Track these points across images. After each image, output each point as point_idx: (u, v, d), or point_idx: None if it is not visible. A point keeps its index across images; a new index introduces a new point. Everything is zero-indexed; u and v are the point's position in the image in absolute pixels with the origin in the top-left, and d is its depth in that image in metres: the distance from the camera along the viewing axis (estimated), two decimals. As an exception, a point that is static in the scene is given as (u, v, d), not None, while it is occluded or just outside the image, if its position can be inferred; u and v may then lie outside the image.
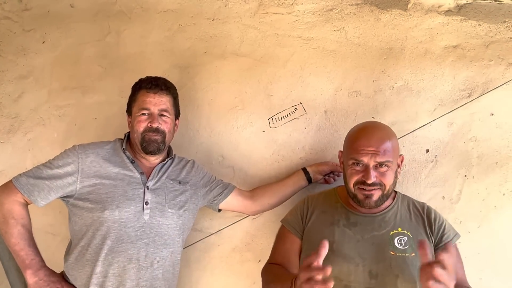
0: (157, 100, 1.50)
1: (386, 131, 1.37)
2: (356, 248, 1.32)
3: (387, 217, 1.38)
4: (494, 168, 1.68)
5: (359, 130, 1.39)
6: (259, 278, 1.48)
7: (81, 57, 1.98)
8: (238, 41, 1.87)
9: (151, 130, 1.48)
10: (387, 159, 1.30)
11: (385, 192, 1.33)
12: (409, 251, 1.29)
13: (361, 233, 1.35)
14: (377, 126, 1.40)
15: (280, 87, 1.83)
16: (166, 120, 1.53)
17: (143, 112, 1.49)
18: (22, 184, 1.39)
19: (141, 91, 1.52)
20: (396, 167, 1.36)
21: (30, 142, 2.00)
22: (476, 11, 1.70)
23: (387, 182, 1.32)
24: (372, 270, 1.28)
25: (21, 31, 2.04)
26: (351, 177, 1.34)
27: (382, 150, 1.29)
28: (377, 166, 1.31)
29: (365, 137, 1.33)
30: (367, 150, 1.30)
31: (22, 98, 2.01)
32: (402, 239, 1.32)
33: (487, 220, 1.67)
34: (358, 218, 1.39)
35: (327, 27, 1.81)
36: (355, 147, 1.33)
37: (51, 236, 1.94)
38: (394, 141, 1.35)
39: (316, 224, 1.43)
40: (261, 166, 1.83)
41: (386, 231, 1.34)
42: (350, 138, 1.40)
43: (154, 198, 1.45)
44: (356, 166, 1.33)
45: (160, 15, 1.93)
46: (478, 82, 1.70)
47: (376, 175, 1.30)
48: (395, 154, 1.34)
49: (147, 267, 1.40)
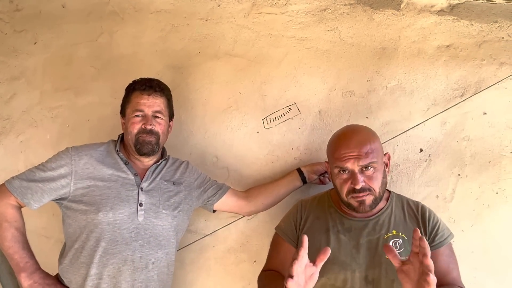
0: (151, 102, 1.50)
1: (365, 132, 1.36)
2: (352, 254, 1.32)
3: (381, 220, 1.37)
4: (487, 167, 1.69)
5: (338, 137, 1.39)
6: (254, 279, 1.48)
7: (73, 58, 1.97)
8: (231, 42, 1.87)
9: (145, 131, 1.48)
10: (371, 160, 1.29)
11: (377, 195, 1.32)
12: (404, 254, 1.27)
13: (356, 238, 1.34)
14: (355, 129, 1.39)
15: (274, 88, 1.83)
16: (160, 121, 1.52)
17: (137, 113, 1.49)
18: (15, 187, 1.38)
19: (134, 92, 1.52)
20: (382, 167, 1.35)
21: (22, 144, 1.98)
22: (468, 11, 1.71)
23: (375, 186, 1.30)
24: (368, 276, 1.28)
25: (12, 31, 2.02)
26: (342, 188, 1.33)
27: (364, 152, 1.28)
28: (362, 170, 1.30)
29: (344, 143, 1.33)
30: (349, 156, 1.29)
31: (13, 100, 1.99)
32: (397, 242, 1.31)
33: (480, 218, 1.68)
34: (352, 223, 1.38)
35: (320, 27, 1.81)
36: (337, 155, 1.32)
37: (44, 239, 1.92)
38: (375, 141, 1.34)
39: (310, 232, 1.40)
40: (256, 166, 1.83)
41: (380, 235, 1.33)
42: (331, 147, 1.39)
43: (148, 200, 1.45)
44: (343, 173, 1.32)
45: (153, 15, 1.92)
46: (471, 81, 1.71)
47: (364, 180, 1.29)
48: (379, 154, 1.33)
49: (142, 269, 1.40)
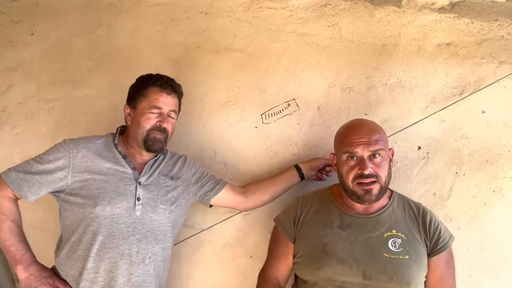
0: (169, 101, 1.50)
1: (374, 124, 1.43)
2: (350, 249, 1.32)
3: (382, 219, 1.37)
4: (485, 166, 1.69)
5: (348, 126, 1.43)
6: (250, 274, 1.48)
7: (71, 50, 1.95)
8: (231, 36, 1.86)
9: (159, 129, 1.47)
10: (380, 147, 1.33)
11: (383, 185, 1.34)
12: (403, 254, 1.30)
13: (355, 234, 1.35)
14: (364, 120, 1.46)
15: (273, 83, 1.82)
16: (172, 121, 1.53)
17: (155, 110, 1.48)
18: (11, 179, 1.37)
19: (154, 88, 1.50)
20: (388, 158, 1.38)
21: (18, 136, 1.96)
22: (469, 9, 1.71)
23: (382, 174, 1.33)
24: (366, 272, 1.29)
25: (9, 22, 2.00)
26: (348, 174, 1.35)
27: (374, 139, 1.33)
28: (371, 157, 1.33)
29: (354, 131, 1.37)
30: (360, 141, 1.33)
31: (10, 91, 1.98)
32: (396, 242, 1.32)
33: (477, 217, 1.69)
34: (352, 219, 1.39)
35: (321, 23, 1.80)
36: (347, 141, 1.36)
37: (39, 231, 1.91)
38: (383, 133, 1.40)
39: (309, 226, 1.43)
40: (254, 162, 1.83)
41: (380, 233, 1.34)
42: (341, 136, 1.43)
43: (146, 194, 1.44)
44: (351, 160, 1.35)
45: (152, 8, 1.91)
46: (470, 79, 1.71)
47: (372, 167, 1.32)
48: (386, 144, 1.38)
49: (139, 263, 1.39)
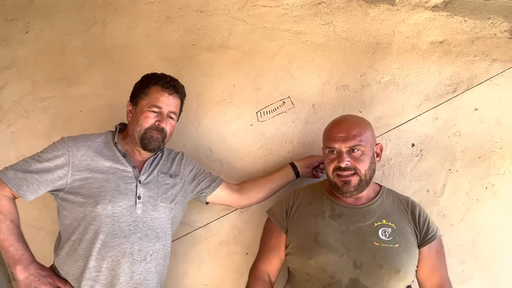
0: (170, 101, 1.49)
1: (357, 119, 1.46)
2: (341, 239, 1.35)
3: (372, 209, 1.41)
4: (477, 162, 1.71)
5: (332, 122, 1.50)
6: (246, 271, 1.49)
7: (66, 48, 1.94)
8: (226, 34, 1.86)
9: (157, 129, 1.47)
10: (358, 143, 1.37)
11: (363, 178, 1.38)
12: (393, 242, 1.33)
13: (346, 224, 1.38)
14: (348, 116, 1.52)
15: (268, 81, 1.83)
16: (172, 122, 1.52)
17: (154, 109, 1.47)
18: (9, 178, 1.35)
19: (156, 87, 1.49)
20: (371, 153, 1.41)
21: (14, 134, 1.96)
22: (462, 7, 1.72)
23: (361, 167, 1.37)
24: (357, 261, 1.31)
25: (3, 20, 1.99)
26: (329, 166, 1.42)
27: (352, 135, 1.37)
28: (349, 152, 1.38)
29: (336, 126, 1.45)
30: (338, 137, 1.39)
31: (4, 90, 1.97)
32: (387, 231, 1.36)
33: (469, 213, 1.71)
34: (343, 209, 1.42)
35: (315, 21, 1.81)
36: (328, 136, 1.44)
37: (35, 230, 1.91)
38: (366, 128, 1.42)
39: (301, 216, 1.46)
40: (249, 159, 1.84)
41: (370, 223, 1.38)
42: (325, 131, 1.50)
43: (146, 192, 1.44)
44: (331, 154, 1.41)
45: (147, 6, 1.90)
46: (463, 77, 1.72)
47: (350, 160, 1.37)
48: (368, 140, 1.40)
49: (141, 261, 1.40)
